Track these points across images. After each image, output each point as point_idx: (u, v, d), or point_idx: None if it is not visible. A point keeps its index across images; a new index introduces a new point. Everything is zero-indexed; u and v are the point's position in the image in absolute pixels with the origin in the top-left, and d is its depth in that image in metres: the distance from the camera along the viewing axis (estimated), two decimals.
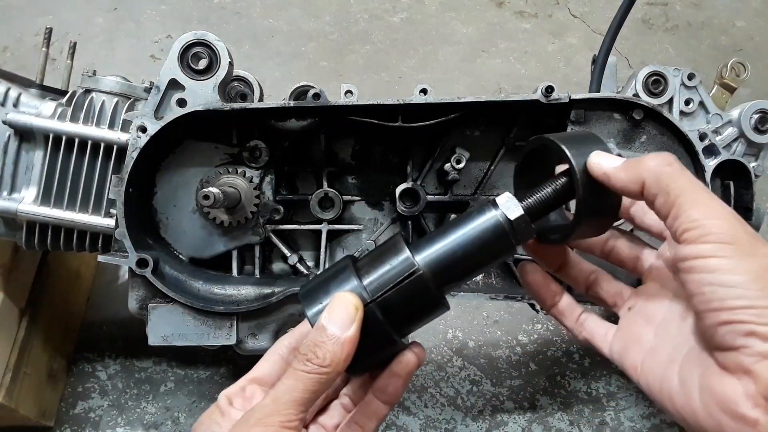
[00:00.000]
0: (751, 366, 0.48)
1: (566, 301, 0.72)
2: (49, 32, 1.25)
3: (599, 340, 0.67)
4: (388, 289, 0.61)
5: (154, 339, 1.05)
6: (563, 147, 0.61)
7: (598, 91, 1.13)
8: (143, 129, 1.00)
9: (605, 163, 0.59)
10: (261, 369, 0.67)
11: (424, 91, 1.03)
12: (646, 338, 0.61)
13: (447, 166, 1.09)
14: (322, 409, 0.70)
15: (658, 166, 0.56)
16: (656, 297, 0.64)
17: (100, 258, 1.04)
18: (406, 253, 0.62)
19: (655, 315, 0.63)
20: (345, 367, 0.59)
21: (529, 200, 0.64)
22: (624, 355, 0.63)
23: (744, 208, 1.11)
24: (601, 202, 0.61)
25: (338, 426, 0.67)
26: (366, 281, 0.62)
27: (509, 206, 0.63)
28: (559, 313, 0.71)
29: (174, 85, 1.02)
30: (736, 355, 0.49)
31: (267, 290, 1.08)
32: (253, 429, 0.57)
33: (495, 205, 0.63)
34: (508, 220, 0.62)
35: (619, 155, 0.60)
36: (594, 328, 0.69)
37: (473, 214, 0.64)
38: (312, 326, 0.60)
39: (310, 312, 0.62)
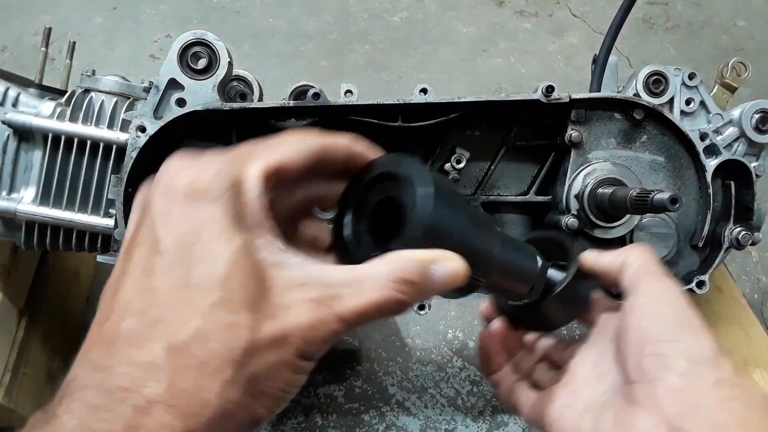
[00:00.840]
0: (660, 398, 0.51)
1: (505, 372, 0.75)
2: (48, 32, 1.25)
3: (524, 405, 0.70)
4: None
5: None
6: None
7: (599, 90, 1.13)
8: (142, 129, 1.00)
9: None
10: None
11: (424, 91, 1.03)
12: (563, 397, 0.64)
13: (447, 166, 1.09)
14: None
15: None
16: (584, 357, 0.68)
17: (100, 258, 1.03)
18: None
19: (577, 374, 0.66)
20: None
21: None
22: (542, 414, 0.65)
23: (745, 209, 1.11)
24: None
25: None
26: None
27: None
28: (495, 382, 0.75)
29: (173, 84, 1.01)
30: (650, 388, 0.53)
31: None
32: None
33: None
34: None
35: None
36: (521, 397, 0.71)
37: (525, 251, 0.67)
38: None
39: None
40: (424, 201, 0.48)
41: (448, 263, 0.47)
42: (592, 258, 0.68)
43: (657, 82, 1.11)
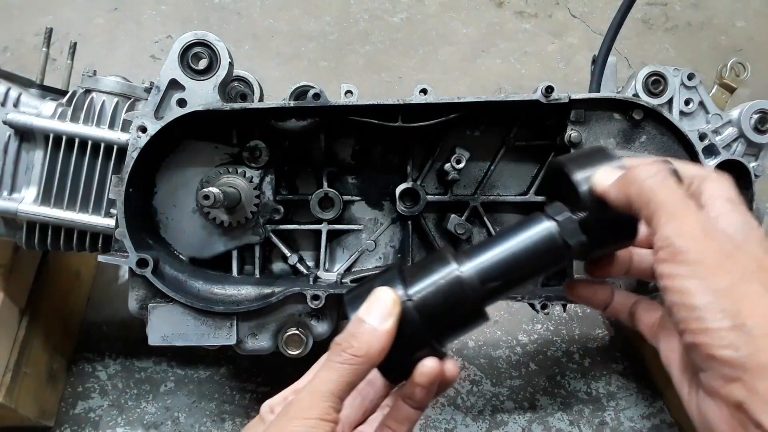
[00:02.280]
0: (719, 389, 0.49)
1: (618, 300, 0.70)
2: (50, 32, 1.25)
3: (647, 331, 0.66)
4: (428, 290, 0.61)
5: (154, 339, 1.05)
6: (568, 171, 0.61)
7: (598, 91, 1.14)
8: (143, 129, 1.00)
9: (602, 180, 0.58)
10: (305, 380, 0.67)
11: (424, 91, 1.03)
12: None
13: (447, 166, 1.09)
14: (362, 422, 0.69)
15: (641, 179, 0.55)
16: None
17: (100, 258, 1.04)
18: (449, 258, 0.63)
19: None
20: (379, 359, 0.59)
21: (582, 214, 0.63)
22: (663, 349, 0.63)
23: None
24: (614, 223, 0.61)
25: None
26: (408, 282, 0.62)
27: (565, 222, 0.61)
28: (614, 313, 0.71)
29: (174, 85, 1.02)
30: (707, 378, 0.50)
31: (267, 290, 1.08)
32: (292, 422, 0.57)
33: (549, 216, 0.62)
34: (563, 236, 0.61)
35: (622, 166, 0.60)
36: (644, 319, 0.67)
37: (525, 224, 0.63)
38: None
39: (352, 311, 0.63)
40: None
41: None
42: (601, 192, 0.58)
43: (656, 83, 1.11)
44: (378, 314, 0.60)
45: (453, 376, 0.64)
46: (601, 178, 0.59)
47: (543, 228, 0.62)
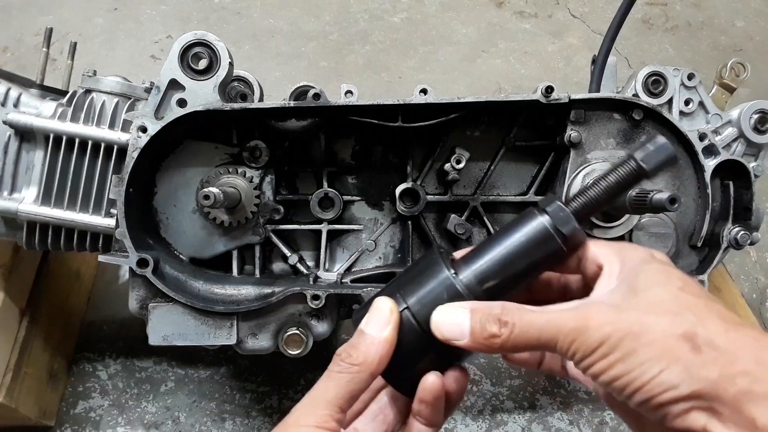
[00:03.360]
0: (680, 426, 0.52)
1: (548, 357, 0.73)
2: (50, 32, 1.25)
3: (582, 379, 0.70)
4: (425, 298, 0.61)
5: (154, 339, 1.05)
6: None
7: (598, 91, 1.14)
8: (143, 129, 1.00)
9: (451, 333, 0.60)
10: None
11: (424, 91, 1.03)
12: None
13: (447, 166, 1.09)
14: None
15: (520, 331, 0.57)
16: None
17: (101, 258, 1.04)
18: (441, 264, 0.63)
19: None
20: (380, 368, 0.60)
21: (576, 202, 0.63)
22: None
23: (744, 209, 1.11)
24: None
25: None
26: (405, 291, 0.63)
27: (555, 210, 0.61)
28: (548, 369, 0.74)
29: (174, 85, 1.02)
30: (663, 421, 0.53)
31: (267, 290, 1.08)
32: (289, 430, 0.58)
33: (541, 210, 0.62)
34: (555, 226, 0.61)
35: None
36: (575, 371, 0.70)
37: (519, 221, 0.63)
38: None
39: (357, 326, 0.64)
40: None
41: None
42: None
43: (656, 83, 1.11)
44: (376, 323, 0.61)
45: (461, 387, 0.64)
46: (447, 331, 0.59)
47: (534, 221, 0.62)
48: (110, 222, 1.09)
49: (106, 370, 1.46)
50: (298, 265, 1.14)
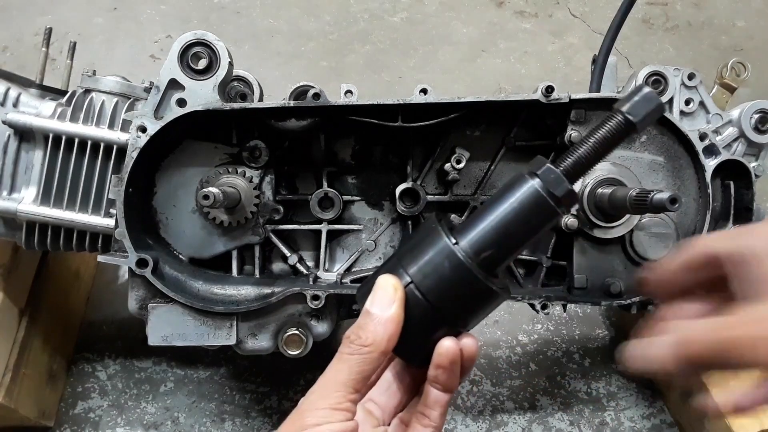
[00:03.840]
0: None
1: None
2: (49, 32, 1.25)
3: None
4: (426, 270, 0.61)
5: (153, 339, 1.05)
6: None
7: (599, 91, 1.13)
8: (143, 129, 1.00)
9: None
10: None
11: (424, 91, 1.03)
12: None
13: (447, 166, 1.09)
14: (402, 410, 0.71)
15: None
16: None
17: (100, 258, 1.04)
18: (441, 233, 0.62)
19: None
20: (389, 346, 0.60)
21: (566, 162, 0.62)
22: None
23: (744, 208, 1.11)
24: None
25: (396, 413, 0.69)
26: (407, 264, 0.63)
27: (545, 172, 0.60)
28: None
29: (174, 85, 1.02)
30: None
31: (267, 290, 1.08)
32: (304, 415, 0.59)
33: (531, 173, 0.61)
34: (547, 189, 0.60)
35: None
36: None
37: (510, 186, 0.62)
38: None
39: (361, 305, 0.64)
40: None
41: None
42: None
43: (656, 82, 1.11)
44: (381, 303, 0.61)
45: (472, 353, 0.64)
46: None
47: (526, 186, 0.61)
48: (109, 222, 1.09)
49: (106, 371, 1.46)
50: (298, 265, 1.14)
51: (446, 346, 0.62)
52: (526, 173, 0.62)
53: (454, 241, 0.61)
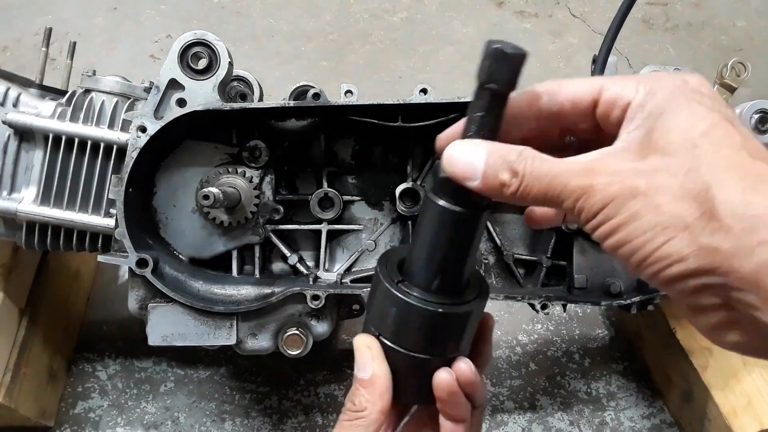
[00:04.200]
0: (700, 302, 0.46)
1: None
2: (49, 32, 1.25)
3: None
4: (388, 320, 0.61)
5: (153, 339, 1.05)
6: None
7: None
8: (143, 129, 1.00)
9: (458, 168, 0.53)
10: None
11: (424, 91, 1.03)
12: None
13: None
14: None
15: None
16: None
17: (100, 258, 1.03)
18: (381, 279, 0.61)
19: None
20: (384, 403, 0.60)
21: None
22: None
23: None
24: None
25: None
26: (371, 318, 0.63)
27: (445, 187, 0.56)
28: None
29: (174, 84, 1.02)
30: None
31: (267, 290, 1.08)
32: None
33: (433, 194, 0.58)
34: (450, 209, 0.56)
35: None
36: None
37: (424, 215, 0.60)
38: None
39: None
40: None
41: None
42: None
43: None
44: (362, 366, 0.61)
45: (467, 378, 0.62)
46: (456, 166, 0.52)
47: (434, 209, 0.57)
48: (109, 222, 1.09)
49: (106, 371, 1.46)
50: (298, 265, 1.14)
51: (440, 378, 0.60)
52: (429, 194, 0.58)
53: (396, 281, 0.60)
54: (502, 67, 0.53)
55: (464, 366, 0.61)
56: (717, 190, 0.42)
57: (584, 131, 0.55)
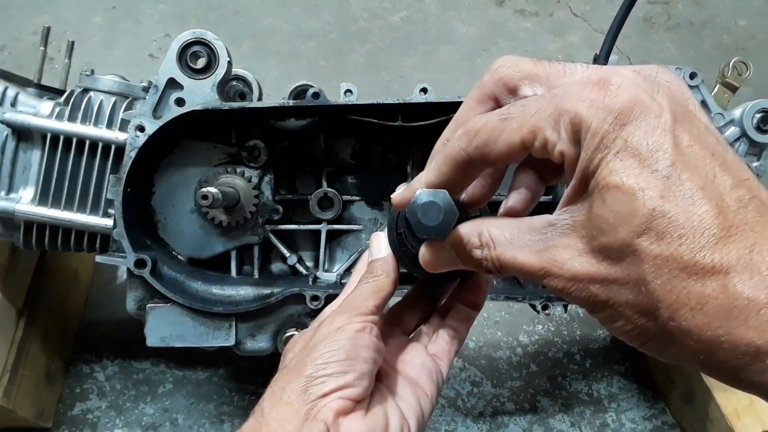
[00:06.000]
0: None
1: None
2: (47, 31, 1.24)
3: None
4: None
5: (152, 340, 1.04)
6: None
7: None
8: (141, 128, 0.99)
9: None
10: (340, 300, 0.71)
11: (424, 91, 1.03)
12: None
13: None
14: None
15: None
16: None
17: (98, 258, 1.03)
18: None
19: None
20: (394, 277, 0.65)
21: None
22: None
23: None
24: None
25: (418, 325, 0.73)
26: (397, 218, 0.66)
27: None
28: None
29: (172, 84, 1.01)
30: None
31: (266, 291, 1.07)
32: (336, 318, 0.60)
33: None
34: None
35: None
36: None
37: None
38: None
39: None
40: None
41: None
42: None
43: None
44: (378, 249, 0.67)
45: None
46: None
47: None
48: (108, 222, 1.08)
49: (104, 372, 1.45)
50: (297, 265, 1.13)
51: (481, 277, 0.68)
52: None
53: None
54: (426, 232, 0.52)
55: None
56: (665, 311, 0.39)
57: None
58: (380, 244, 0.68)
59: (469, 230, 0.52)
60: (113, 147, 1.07)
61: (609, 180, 0.40)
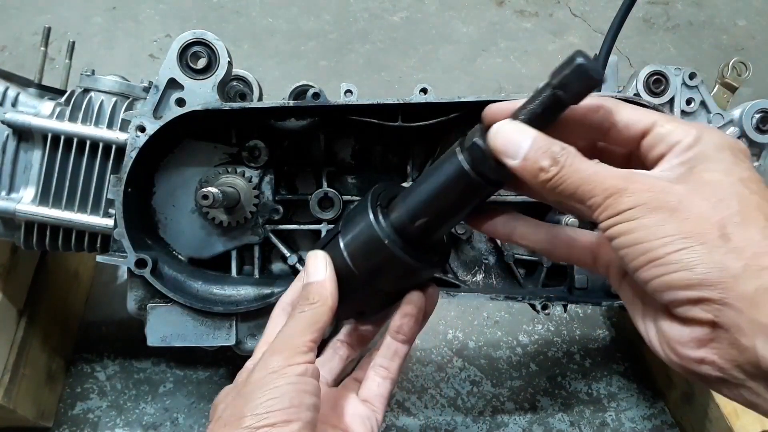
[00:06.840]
0: (686, 314, 0.48)
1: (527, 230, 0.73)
2: (48, 31, 1.24)
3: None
4: (352, 238, 0.65)
5: (152, 339, 1.04)
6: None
7: (599, 90, 1.13)
8: (142, 128, 1.00)
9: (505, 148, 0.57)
10: (273, 331, 0.68)
11: (424, 91, 1.03)
12: None
13: None
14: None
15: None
16: None
17: (99, 258, 1.03)
18: (367, 206, 0.65)
19: None
20: (333, 301, 0.64)
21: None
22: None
23: None
24: None
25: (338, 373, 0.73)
26: (343, 232, 0.67)
27: (474, 149, 0.59)
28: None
29: (173, 84, 1.01)
30: (671, 306, 0.50)
31: (266, 290, 1.07)
32: (271, 360, 0.59)
33: (462, 148, 0.60)
34: (473, 165, 0.59)
35: None
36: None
37: (442, 159, 0.62)
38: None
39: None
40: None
41: None
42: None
43: (657, 82, 1.11)
44: (315, 271, 0.66)
45: (430, 295, 0.69)
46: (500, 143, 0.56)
47: (453, 160, 0.60)
48: (108, 222, 1.08)
49: (105, 371, 1.45)
50: (298, 265, 1.14)
51: (416, 296, 0.67)
52: (459, 146, 0.61)
53: (373, 216, 0.64)
54: (578, 82, 0.55)
55: (431, 291, 0.69)
56: (740, 219, 0.46)
57: (617, 153, 0.60)
58: (317, 264, 0.66)
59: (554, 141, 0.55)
60: (114, 147, 1.07)
61: None
